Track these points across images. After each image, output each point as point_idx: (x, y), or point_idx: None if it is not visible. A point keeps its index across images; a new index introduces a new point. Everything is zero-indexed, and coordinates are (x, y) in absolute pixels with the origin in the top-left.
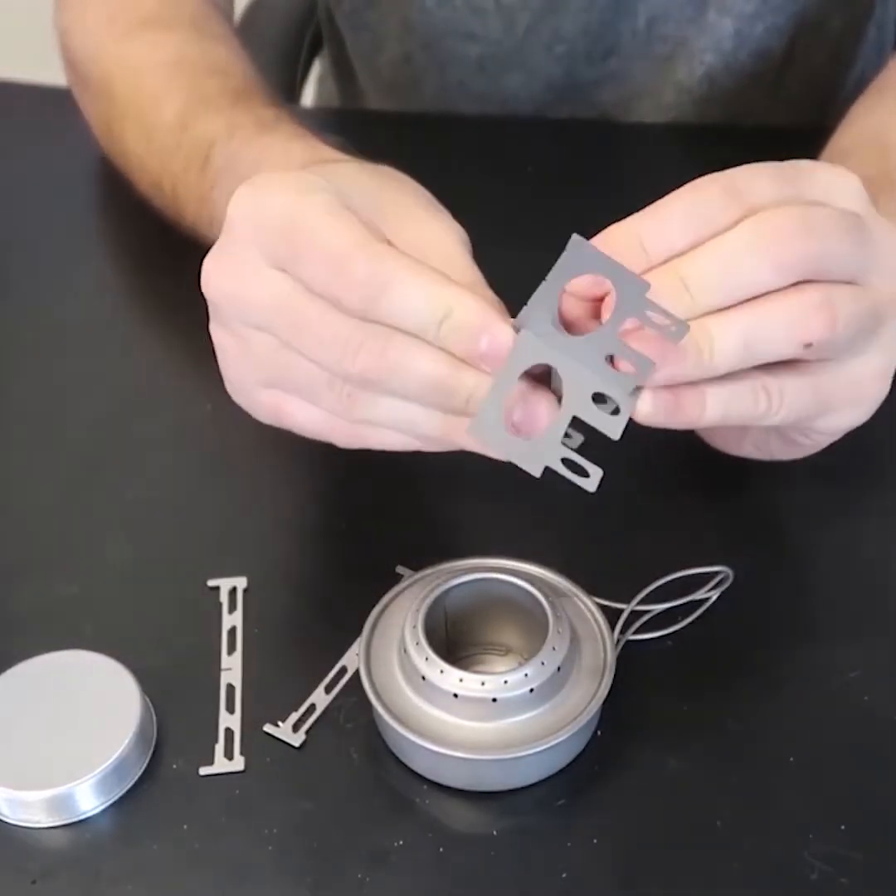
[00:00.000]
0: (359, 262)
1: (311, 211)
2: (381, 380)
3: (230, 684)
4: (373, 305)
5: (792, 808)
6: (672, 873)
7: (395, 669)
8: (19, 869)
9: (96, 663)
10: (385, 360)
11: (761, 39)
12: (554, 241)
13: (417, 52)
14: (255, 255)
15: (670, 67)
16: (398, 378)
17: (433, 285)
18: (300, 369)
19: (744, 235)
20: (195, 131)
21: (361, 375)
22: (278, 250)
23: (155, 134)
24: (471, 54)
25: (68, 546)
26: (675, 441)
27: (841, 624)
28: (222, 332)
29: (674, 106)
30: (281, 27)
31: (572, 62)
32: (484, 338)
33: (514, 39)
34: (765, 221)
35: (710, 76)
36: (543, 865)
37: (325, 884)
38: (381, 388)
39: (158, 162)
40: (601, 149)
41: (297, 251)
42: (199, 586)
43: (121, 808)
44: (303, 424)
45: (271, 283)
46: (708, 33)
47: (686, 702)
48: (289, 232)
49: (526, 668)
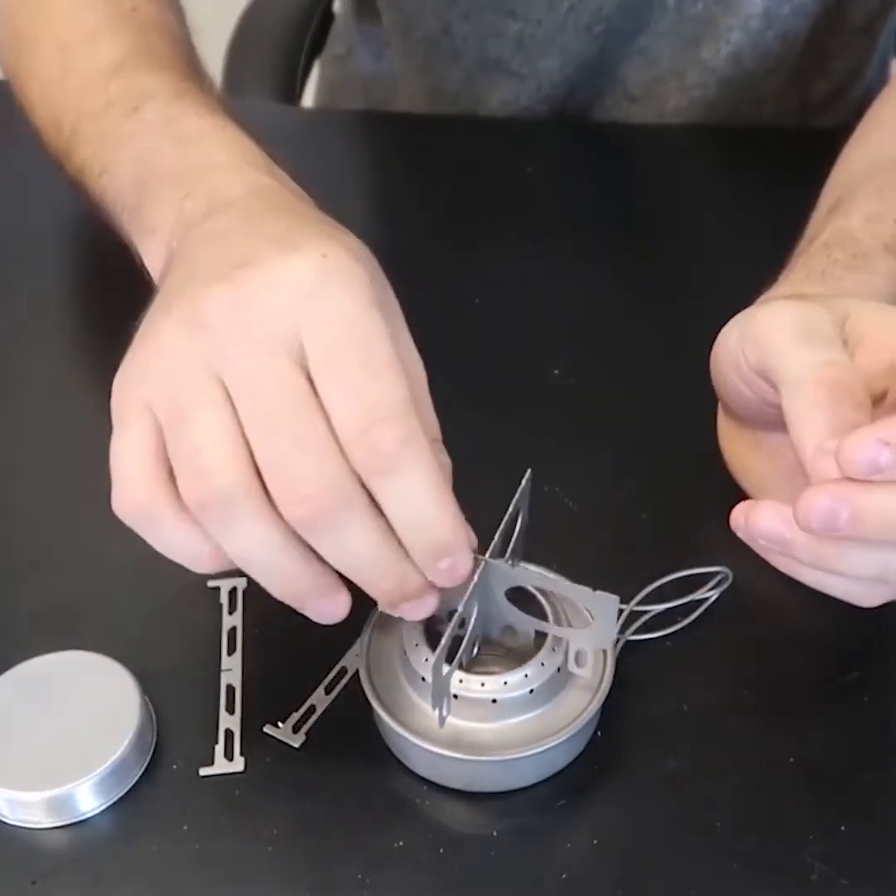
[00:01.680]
0: (394, 431)
1: (376, 328)
2: (306, 532)
3: (230, 685)
4: (374, 478)
5: (792, 808)
6: (672, 873)
7: (395, 670)
8: (19, 869)
9: (96, 664)
10: (323, 520)
11: (787, 20)
12: (554, 241)
13: (458, 22)
14: (288, 332)
15: (696, 46)
16: (321, 540)
17: (440, 497)
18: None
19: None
20: (131, 81)
21: (294, 520)
22: (321, 350)
23: (77, 68)
24: (510, 31)
25: (68, 547)
26: (675, 441)
27: (841, 624)
28: (178, 342)
29: (697, 86)
30: (281, 27)
31: (607, 39)
32: (447, 560)
33: (556, 20)
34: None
35: (735, 56)
36: (543, 866)
37: (325, 884)
38: (306, 536)
39: (69, 98)
40: (601, 149)
41: (342, 363)
42: (199, 587)
43: (121, 809)
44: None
45: (289, 376)
46: (736, 11)
47: (686, 702)
48: (342, 337)
49: (526, 668)
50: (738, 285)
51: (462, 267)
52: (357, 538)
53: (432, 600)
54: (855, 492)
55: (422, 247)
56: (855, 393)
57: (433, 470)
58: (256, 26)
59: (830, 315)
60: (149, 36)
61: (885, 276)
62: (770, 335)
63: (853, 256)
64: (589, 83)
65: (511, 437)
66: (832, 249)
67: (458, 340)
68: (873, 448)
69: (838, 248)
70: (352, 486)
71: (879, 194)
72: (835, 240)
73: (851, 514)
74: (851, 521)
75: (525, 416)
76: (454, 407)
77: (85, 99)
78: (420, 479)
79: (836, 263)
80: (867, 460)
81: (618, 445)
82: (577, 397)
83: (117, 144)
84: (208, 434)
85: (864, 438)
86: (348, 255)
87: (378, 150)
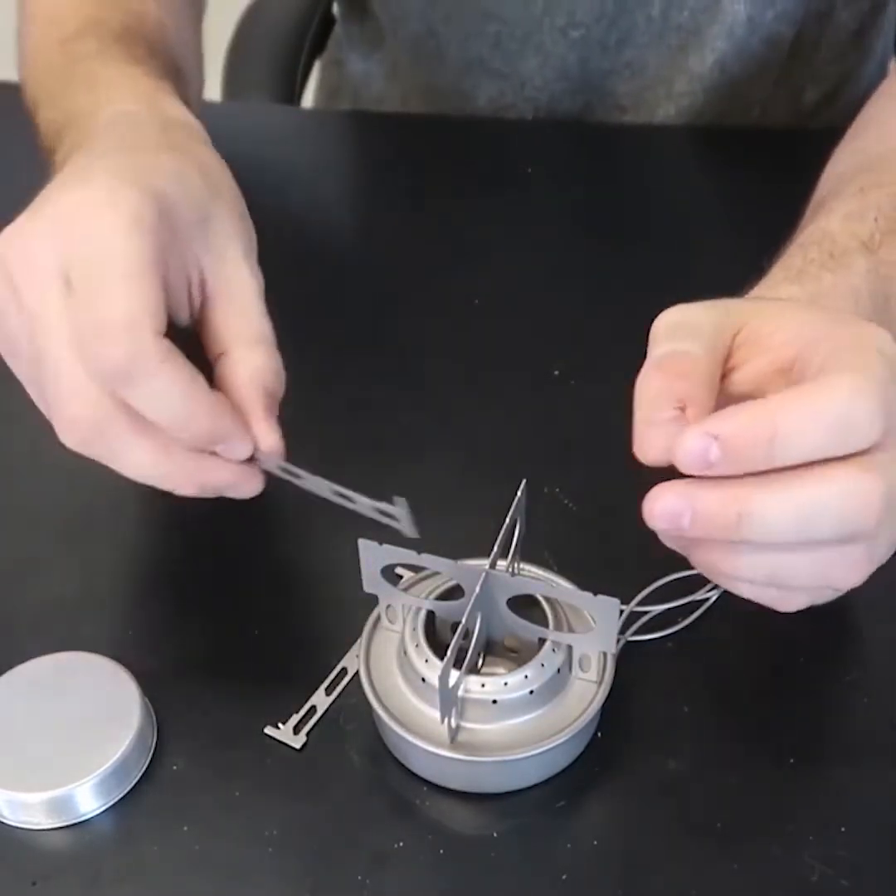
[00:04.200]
0: (120, 344)
1: (123, 247)
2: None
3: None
4: (117, 385)
5: (792, 809)
6: (672, 873)
7: (395, 671)
8: (19, 870)
9: (96, 665)
10: (97, 441)
11: (772, 26)
12: (553, 241)
13: (440, 25)
14: (52, 256)
15: (683, 55)
16: (106, 457)
17: (182, 395)
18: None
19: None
20: (76, 45)
21: (70, 445)
22: (77, 267)
23: (39, 32)
24: (488, 31)
25: (68, 547)
26: None
27: (841, 624)
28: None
29: (685, 94)
30: (281, 27)
31: (586, 49)
32: (220, 445)
33: (531, 20)
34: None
35: (721, 63)
36: (543, 867)
37: (325, 885)
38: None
39: (47, 71)
40: (601, 149)
41: (89, 279)
42: (199, 587)
43: (121, 810)
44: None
45: (51, 292)
46: (721, 20)
47: (686, 703)
48: (94, 256)
49: (526, 669)
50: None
51: (462, 267)
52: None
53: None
54: (696, 490)
55: (421, 247)
56: (678, 385)
57: (173, 377)
58: (256, 27)
59: (718, 315)
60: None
61: (863, 274)
62: (653, 336)
63: (830, 256)
64: (577, 96)
65: (511, 437)
66: (808, 249)
67: (458, 341)
68: (700, 441)
69: (815, 248)
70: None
71: (861, 193)
72: (812, 239)
73: (695, 513)
74: (695, 520)
75: (525, 416)
76: (454, 407)
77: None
78: (161, 388)
79: (813, 263)
80: (696, 452)
81: (618, 446)
82: (577, 397)
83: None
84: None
85: (691, 432)
86: (123, 182)
87: (378, 150)
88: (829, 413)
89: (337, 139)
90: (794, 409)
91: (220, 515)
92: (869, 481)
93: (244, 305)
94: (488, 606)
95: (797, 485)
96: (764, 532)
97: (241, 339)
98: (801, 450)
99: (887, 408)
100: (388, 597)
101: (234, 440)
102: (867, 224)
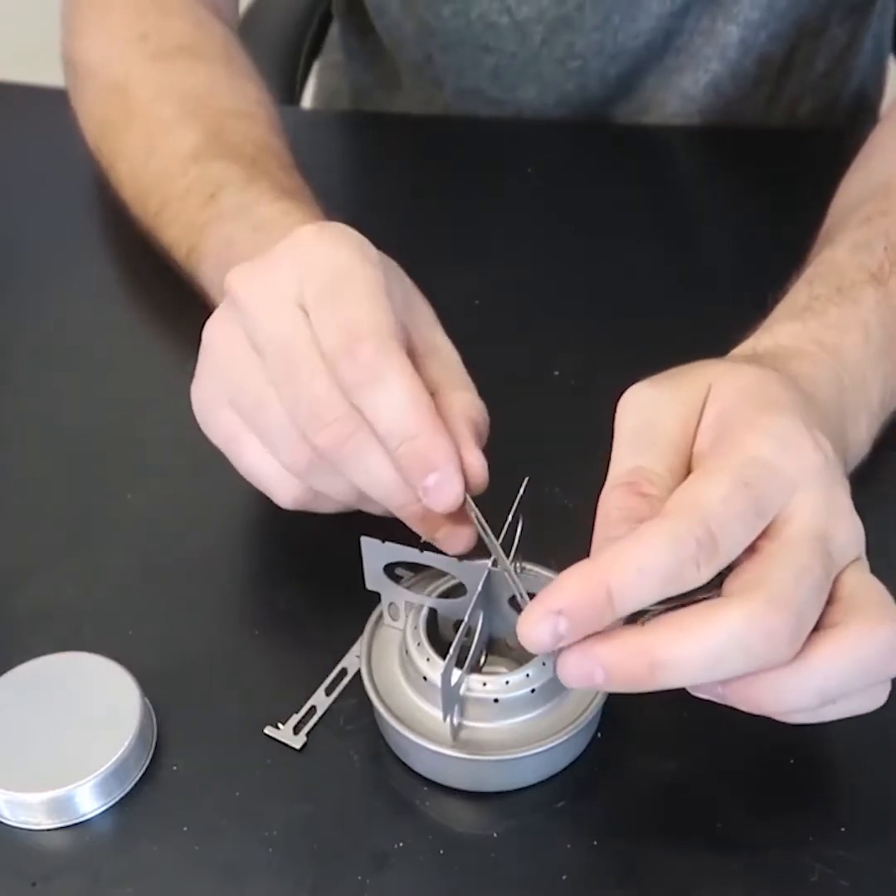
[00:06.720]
0: (370, 344)
1: (362, 272)
2: (335, 461)
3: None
4: (360, 391)
5: (792, 809)
6: (672, 874)
7: (396, 670)
8: (19, 871)
9: (96, 665)
10: (345, 446)
11: (764, 46)
12: (554, 241)
13: (437, 53)
14: (291, 284)
15: (679, 76)
16: (349, 468)
17: (417, 401)
18: (272, 414)
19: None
20: (208, 169)
21: (320, 448)
22: (315, 291)
23: (160, 153)
24: (486, 63)
25: (68, 548)
26: None
27: None
28: (223, 329)
29: (679, 114)
30: (281, 27)
31: (585, 77)
32: (433, 475)
33: (529, 53)
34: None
35: (714, 84)
36: (544, 867)
37: (326, 886)
38: (336, 467)
39: (154, 180)
40: (601, 150)
41: (331, 299)
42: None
43: (121, 810)
44: (250, 467)
45: (293, 317)
46: (714, 42)
47: (686, 702)
48: (334, 280)
49: (527, 668)
50: (738, 285)
51: (462, 267)
52: (370, 457)
53: (466, 532)
54: (596, 645)
55: (422, 247)
56: (639, 508)
57: (413, 382)
58: (256, 27)
59: (686, 395)
60: (223, 121)
61: (873, 306)
62: (617, 425)
63: (837, 290)
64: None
65: (511, 437)
66: (814, 285)
67: (458, 341)
68: (547, 624)
69: (821, 282)
70: (357, 414)
71: (868, 223)
72: (818, 273)
73: (605, 670)
74: (608, 676)
75: (525, 416)
76: None
77: (167, 184)
78: (398, 388)
79: (819, 299)
80: (546, 634)
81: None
82: (577, 397)
83: (198, 231)
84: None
85: (532, 617)
86: (342, 227)
87: (378, 150)
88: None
89: (337, 139)
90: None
91: (220, 516)
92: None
93: (449, 360)
94: (490, 605)
95: (699, 626)
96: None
97: (450, 384)
98: (637, 601)
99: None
100: (390, 594)
101: (451, 466)
102: (876, 254)
